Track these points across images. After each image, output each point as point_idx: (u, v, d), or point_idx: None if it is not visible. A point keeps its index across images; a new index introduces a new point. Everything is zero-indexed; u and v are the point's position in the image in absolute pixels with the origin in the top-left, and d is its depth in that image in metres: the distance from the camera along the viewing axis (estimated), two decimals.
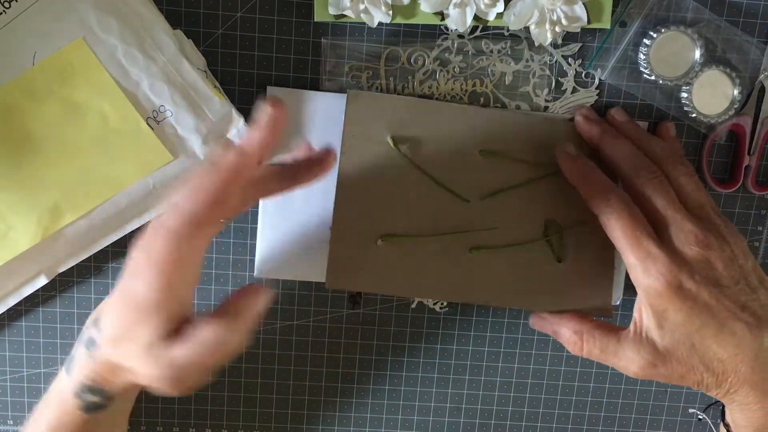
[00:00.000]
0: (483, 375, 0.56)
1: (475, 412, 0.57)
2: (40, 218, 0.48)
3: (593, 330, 0.46)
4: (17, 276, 0.50)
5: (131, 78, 0.47)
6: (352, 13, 0.46)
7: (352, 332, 0.55)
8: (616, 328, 0.46)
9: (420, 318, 0.55)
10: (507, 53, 0.50)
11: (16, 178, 0.47)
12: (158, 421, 0.56)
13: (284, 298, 0.54)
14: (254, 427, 0.56)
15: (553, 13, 0.46)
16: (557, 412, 0.57)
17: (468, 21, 0.46)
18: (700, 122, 0.51)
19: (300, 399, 0.56)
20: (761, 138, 0.52)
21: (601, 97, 0.51)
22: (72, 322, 0.54)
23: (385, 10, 0.46)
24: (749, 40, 0.51)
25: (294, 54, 0.50)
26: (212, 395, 0.56)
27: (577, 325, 0.47)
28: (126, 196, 0.48)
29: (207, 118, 0.48)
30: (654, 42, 0.49)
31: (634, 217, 0.43)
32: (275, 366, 0.55)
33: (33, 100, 0.47)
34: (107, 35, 0.46)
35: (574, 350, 0.46)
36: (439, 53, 0.50)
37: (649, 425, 0.57)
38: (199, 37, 0.50)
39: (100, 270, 0.53)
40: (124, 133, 0.47)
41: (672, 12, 0.50)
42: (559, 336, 0.48)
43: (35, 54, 0.46)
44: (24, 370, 0.54)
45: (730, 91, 0.51)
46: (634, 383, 0.57)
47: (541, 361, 0.56)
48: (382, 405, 0.56)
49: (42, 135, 0.47)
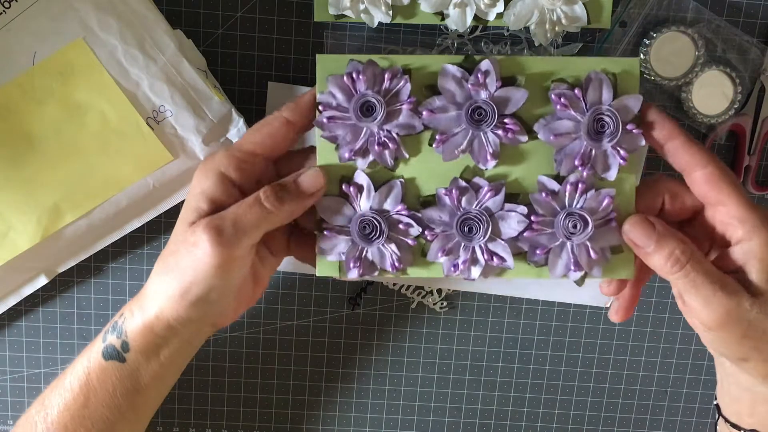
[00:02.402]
0: (483, 375, 0.56)
1: (475, 412, 0.57)
2: (40, 218, 0.48)
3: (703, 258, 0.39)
4: (17, 276, 0.50)
5: (131, 78, 0.47)
6: (352, 13, 0.46)
7: (352, 332, 0.55)
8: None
9: (420, 318, 0.55)
10: (507, 53, 0.50)
11: (16, 178, 0.47)
12: (158, 422, 0.56)
13: (284, 298, 0.54)
14: (254, 427, 0.56)
15: (553, 13, 0.46)
16: (557, 412, 0.57)
17: (468, 21, 0.46)
18: (700, 122, 0.51)
19: (300, 399, 0.56)
20: (761, 138, 0.52)
21: None
22: (72, 322, 0.54)
23: (385, 10, 0.46)
24: (749, 40, 0.51)
25: (294, 54, 0.50)
26: (212, 395, 0.56)
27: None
28: (126, 196, 0.48)
29: (207, 118, 0.48)
30: (654, 42, 0.49)
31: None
32: (275, 366, 0.55)
33: (33, 100, 0.47)
34: (107, 35, 0.46)
35: (675, 265, 0.38)
36: (439, 53, 0.50)
37: (650, 425, 0.57)
38: (199, 37, 0.50)
39: (100, 270, 0.53)
40: (124, 133, 0.47)
41: (672, 12, 0.50)
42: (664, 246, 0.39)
43: (35, 54, 0.46)
44: (24, 370, 0.54)
45: (730, 91, 0.51)
46: (634, 383, 0.57)
47: (541, 361, 0.56)
48: (382, 405, 0.56)
49: (42, 135, 0.47)
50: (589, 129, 0.39)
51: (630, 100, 0.39)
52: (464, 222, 0.40)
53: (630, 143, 0.40)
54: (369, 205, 0.40)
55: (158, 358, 0.42)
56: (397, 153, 0.40)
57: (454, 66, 0.39)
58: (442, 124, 0.39)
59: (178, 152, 0.48)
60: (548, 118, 0.40)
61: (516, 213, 0.40)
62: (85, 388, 0.42)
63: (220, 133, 0.48)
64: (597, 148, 0.39)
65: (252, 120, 0.51)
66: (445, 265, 0.40)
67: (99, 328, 0.54)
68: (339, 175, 0.40)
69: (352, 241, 0.40)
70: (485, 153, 0.39)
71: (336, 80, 0.39)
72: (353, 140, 0.39)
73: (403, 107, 0.39)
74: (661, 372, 0.56)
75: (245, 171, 0.40)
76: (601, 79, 0.39)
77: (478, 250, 0.40)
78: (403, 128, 0.39)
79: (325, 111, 0.39)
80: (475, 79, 0.39)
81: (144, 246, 0.53)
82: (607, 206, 0.39)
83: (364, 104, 0.39)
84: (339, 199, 0.40)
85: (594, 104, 0.39)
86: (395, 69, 0.39)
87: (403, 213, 0.40)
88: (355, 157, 0.39)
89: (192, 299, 0.39)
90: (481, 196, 0.40)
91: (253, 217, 0.38)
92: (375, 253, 0.40)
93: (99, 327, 0.54)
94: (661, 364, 0.56)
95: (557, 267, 0.40)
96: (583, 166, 0.39)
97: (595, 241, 0.40)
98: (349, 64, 0.39)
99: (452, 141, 0.39)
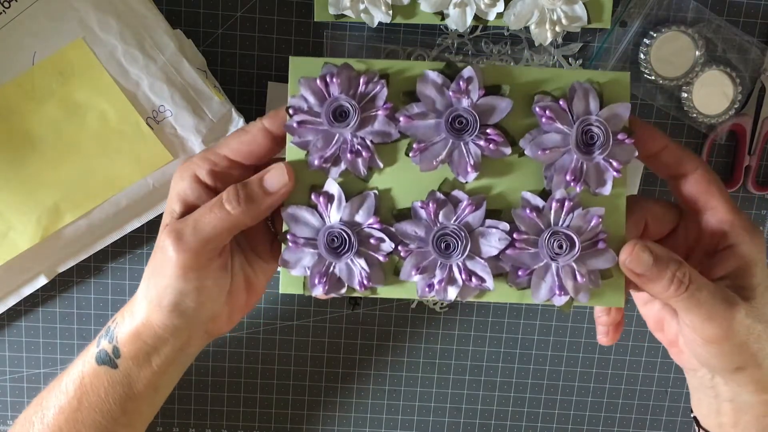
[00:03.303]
0: (483, 375, 0.56)
1: (475, 412, 0.57)
2: (40, 218, 0.47)
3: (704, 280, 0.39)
4: (17, 276, 0.50)
5: (131, 78, 0.47)
6: (352, 13, 0.46)
7: (352, 332, 0.55)
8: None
9: (420, 318, 0.55)
10: (507, 53, 0.50)
11: (16, 178, 0.47)
12: (158, 422, 0.56)
13: (284, 298, 0.54)
14: (254, 427, 0.56)
15: (553, 13, 0.46)
16: (557, 413, 0.57)
17: (468, 21, 0.46)
18: (700, 122, 0.51)
19: (300, 399, 0.56)
20: (761, 138, 0.52)
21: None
22: (72, 322, 0.54)
23: (385, 10, 0.46)
24: (749, 40, 0.50)
25: (294, 54, 0.50)
26: (212, 395, 0.56)
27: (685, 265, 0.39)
28: (126, 196, 0.48)
29: (207, 118, 0.48)
30: (654, 42, 0.49)
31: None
32: (275, 366, 0.55)
33: (33, 100, 0.47)
34: (107, 35, 0.46)
35: (679, 288, 0.37)
36: (439, 53, 0.50)
37: (650, 425, 0.57)
38: (199, 37, 0.50)
39: (100, 270, 0.53)
40: (124, 133, 0.47)
41: (672, 12, 0.50)
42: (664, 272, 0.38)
43: (35, 54, 0.46)
44: (24, 370, 0.54)
45: (730, 91, 0.51)
46: (634, 383, 0.57)
47: (541, 361, 0.56)
48: (382, 405, 0.56)
49: (42, 135, 0.47)
50: (578, 141, 0.36)
51: (618, 108, 0.37)
52: (441, 238, 0.36)
53: (623, 154, 0.37)
54: (339, 217, 0.37)
55: (150, 365, 0.41)
56: (371, 162, 0.37)
57: (434, 72, 0.37)
58: (420, 132, 0.37)
59: (178, 152, 0.48)
60: (534, 132, 0.37)
61: (497, 230, 0.37)
62: (79, 392, 0.42)
63: (220, 133, 0.48)
64: (588, 161, 0.37)
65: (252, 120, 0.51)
66: (419, 285, 0.37)
67: (99, 328, 0.54)
68: (309, 183, 0.37)
69: (319, 254, 0.37)
70: (465, 164, 0.37)
71: (308, 83, 0.37)
72: (324, 147, 0.37)
73: (378, 113, 0.36)
74: (662, 372, 0.56)
75: (219, 175, 0.39)
76: (586, 88, 0.37)
77: (456, 269, 0.37)
78: (378, 135, 0.37)
79: (295, 115, 0.37)
80: (456, 87, 0.36)
81: (144, 246, 0.53)
82: (595, 226, 0.37)
83: (336, 109, 0.36)
84: (308, 208, 0.37)
85: (581, 115, 0.37)
86: (371, 73, 0.37)
87: (375, 227, 0.37)
88: (326, 164, 0.37)
89: (167, 305, 0.38)
90: (459, 210, 0.37)
91: (212, 220, 0.37)
92: (343, 269, 0.37)
93: (99, 327, 0.54)
94: (662, 365, 0.56)
95: (540, 290, 0.37)
96: (575, 182, 0.37)
97: (582, 263, 0.37)
98: (324, 67, 0.37)
99: (430, 150, 0.37)
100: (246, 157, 0.39)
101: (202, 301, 0.39)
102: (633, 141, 0.37)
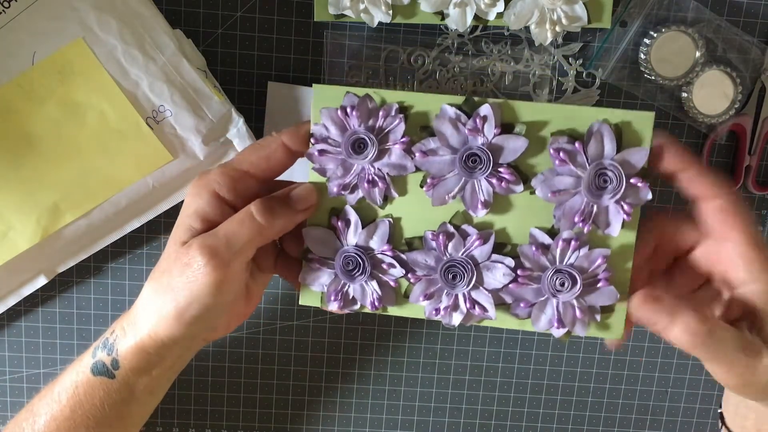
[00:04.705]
0: (483, 375, 0.56)
1: (475, 412, 0.57)
2: (40, 218, 0.47)
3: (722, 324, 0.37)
4: (17, 276, 0.50)
5: (131, 78, 0.47)
6: (352, 12, 0.46)
7: (352, 332, 0.55)
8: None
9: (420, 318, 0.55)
10: (507, 53, 0.50)
11: (16, 178, 0.47)
12: (158, 422, 0.56)
13: (284, 298, 0.54)
14: (254, 427, 0.56)
15: (554, 13, 0.46)
16: (557, 413, 0.57)
17: (468, 21, 0.46)
18: (700, 122, 0.51)
19: (300, 399, 0.56)
20: (761, 138, 0.52)
21: (602, 97, 0.51)
22: (71, 322, 0.54)
23: (385, 10, 0.46)
24: (749, 40, 0.50)
25: (294, 54, 0.50)
26: (212, 395, 0.56)
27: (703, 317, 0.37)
28: (126, 196, 0.48)
29: (207, 118, 0.47)
30: (654, 42, 0.49)
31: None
32: (275, 366, 0.55)
33: (33, 100, 0.46)
34: (107, 35, 0.46)
35: (694, 340, 0.36)
36: (439, 53, 0.50)
37: (650, 426, 0.57)
38: (199, 37, 0.50)
39: (100, 270, 0.53)
40: (124, 133, 0.47)
41: (672, 12, 0.50)
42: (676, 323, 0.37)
43: (35, 54, 0.46)
44: (24, 370, 0.54)
45: (730, 91, 0.51)
46: (634, 383, 0.57)
47: (541, 361, 0.56)
48: (382, 405, 0.56)
49: (42, 135, 0.47)
50: (590, 185, 0.37)
51: (634, 155, 0.37)
52: (449, 269, 0.38)
53: (635, 197, 0.37)
54: (355, 241, 0.39)
55: (150, 374, 0.41)
56: (387, 192, 0.39)
57: (452, 108, 0.38)
58: (434, 167, 0.38)
59: (178, 152, 0.48)
60: (547, 173, 0.37)
61: (503, 265, 0.38)
62: (72, 401, 0.42)
63: (220, 133, 0.48)
64: (598, 204, 0.37)
65: (252, 120, 0.51)
66: (426, 308, 0.40)
67: (98, 328, 0.54)
68: (329, 207, 0.39)
69: (335, 274, 0.39)
70: (477, 201, 0.38)
71: (330, 113, 0.38)
72: (343, 175, 0.39)
73: (395, 147, 0.38)
74: (662, 372, 0.56)
75: (239, 191, 0.39)
76: (603, 130, 0.37)
77: (461, 298, 0.39)
78: (394, 168, 0.38)
79: (317, 143, 0.39)
80: (473, 124, 0.37)
81: (144, 246, 0.53)
82: (599, 266, 0.37)
83: (356, 141, 0.38)
84: (327, 230, 0.39)
85: (596, 158, 0.37)
86: (390, 107, 0.38)
87: (387, 253, 0.39)
88: (344, 192, 0.39)
89: (188, 319, 0.38)
90: (468, 244, 0.38)
91: (246, 233, 0.37)
92: (357, 289, 0.40)
93: (98, 327, 0.54)
94: (662, 365, 0.56)
95: (540, 321, 0.39)
96: (584, 223, 0.37)
97: (583, 299, 0.38)
98: (345, 96, 0.38)
99: (443, 185, 0.38)
100: (265, 171, 0.40)
101: (220, 312, 0.39)
102: (647, 184, 0.37)
